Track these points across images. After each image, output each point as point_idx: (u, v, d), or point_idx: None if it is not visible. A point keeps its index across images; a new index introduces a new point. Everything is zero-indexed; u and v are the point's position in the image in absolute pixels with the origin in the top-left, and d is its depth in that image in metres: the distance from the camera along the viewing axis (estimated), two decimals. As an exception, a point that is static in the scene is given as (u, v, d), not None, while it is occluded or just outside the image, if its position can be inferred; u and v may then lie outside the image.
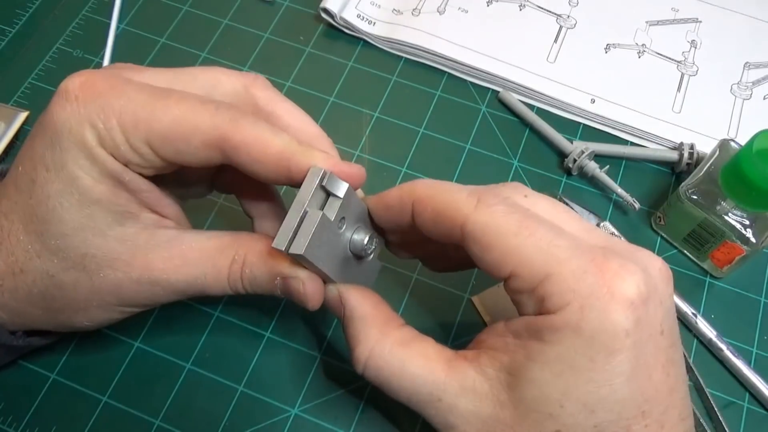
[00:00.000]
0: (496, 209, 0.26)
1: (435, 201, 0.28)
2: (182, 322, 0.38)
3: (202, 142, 0.26)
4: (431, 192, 0.28)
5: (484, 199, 0.26)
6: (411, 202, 0.29)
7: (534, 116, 0.46)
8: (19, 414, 0.35)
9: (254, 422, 0.36)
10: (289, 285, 0.29)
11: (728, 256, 0.39)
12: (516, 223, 0.25)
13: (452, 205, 0.27)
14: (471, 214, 0.26)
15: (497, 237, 0.25)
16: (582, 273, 0.24)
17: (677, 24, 0.51)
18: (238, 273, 0.29)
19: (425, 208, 0.28)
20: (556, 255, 0.25)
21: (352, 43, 0.49)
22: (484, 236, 0.26)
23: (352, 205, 0.29)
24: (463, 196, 0.27)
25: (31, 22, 0.49)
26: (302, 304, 0.29)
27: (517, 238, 0.25)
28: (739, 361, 0.38)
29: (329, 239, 0.28)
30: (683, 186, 0.39)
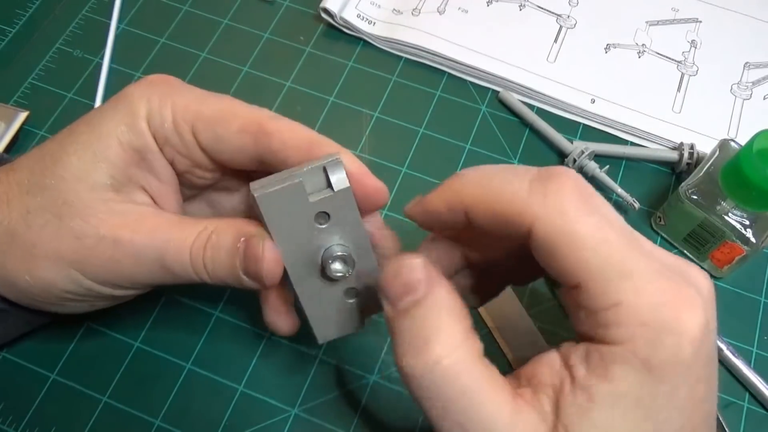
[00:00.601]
0: (569, 209, 0.23)
1: (491, 200, 0.24)
2: (182, 322, 0.38)
3: (239, 127, 0.29)
4: (485, 190, 0.24)
5: (552, 190, 0.23)
6: (463, 208, 0.25)
7: (534, 116, 0.46)
8: (19, 414, 0.35)
9: (254, 422, 0.36)
10: (248, 245, 0.27)
11: (728, 256, 0.39)
12: (592, 231, 0.22)
13: (514, 205, 0.23)
14: (540, 215, 0.23)
15: (570, 247, 0.22)
16: (658, 305, 0.22)
17: (677, 24, 0.51)
18: (203, 241, 0.28)
19: (481, 209, 0.24)
20: (632, 281, 0.22)
21: (352, 43, 0.49)
22: (555, 244, 0.23)
23: (344, 209, 0.26)
24: (524, 186, 0.23)
25: (31, 22, 0.49)
26: (257, 274, 0.27)
27: (594, 254, 0.22)
28: (739, 361, 0.38)
29: (298, 219, 0.26)
30: (683, 186, 0.39)
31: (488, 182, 0.24)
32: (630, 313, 0.22)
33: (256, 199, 0.25)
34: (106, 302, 0.32)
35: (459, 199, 0.25)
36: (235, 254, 0.28)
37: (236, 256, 0.28)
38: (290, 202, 0.26)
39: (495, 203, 0.24)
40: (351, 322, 0.30)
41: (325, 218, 0.27)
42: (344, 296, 0.29)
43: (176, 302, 0.39)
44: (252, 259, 0.27)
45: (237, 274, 0.28)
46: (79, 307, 0.31)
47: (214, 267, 0.28)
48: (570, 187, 0.23)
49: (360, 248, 0.28)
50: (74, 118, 0.30)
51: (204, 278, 0.29)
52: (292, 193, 0.25)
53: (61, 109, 0.45)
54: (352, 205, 0.27)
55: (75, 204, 0.28)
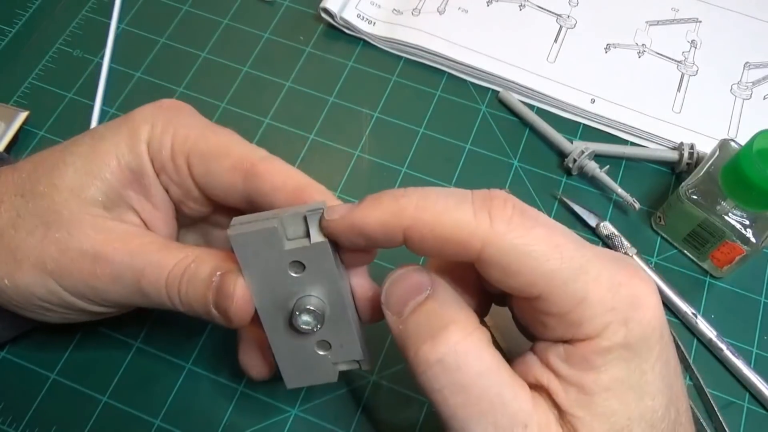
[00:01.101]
0: (515, 227, 0.23)
1: (437, 226, 0.24)
2: (182, 322, 0.38)
3: (231, 165, 0.29)
4: (428, 216, 0.24)
5: (497, 214, 0.23)
6: (401, 230, 0.24)
7: (534, 116, 0.46)
8: (19, 414, 0.35)
9: (254, 422, 0.36)
10: (222, 280, 0.27)
11: (728, 256, 0.39)
12: (544, 241, 0.23)
13: (461, 229, 0.23)
14: (490, 238, 0.23)
15: (525, 262, 0.23)
16: (617, 287, 0.23)
17: (677, 24, 0.51)
18: (182, 269, 0.28)
19: (424, 236, 0.24)
20: (589, 273, 0.23)
21: (352, 43, 0.49)
22: (509, 263, 0.23)
23: (319, 261, 0.25)
24: (470, 212, 0.23)
25: (31, 22, 0.49)
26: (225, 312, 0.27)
27: (550, 263, 0.23)
28: (739, 361, 0.38)
29: (272, 264, 0.25)
30: (683, 186, 0.39)
31: (431, 206, 0.24)
32: (596, 305, 0.23)
33: (230, 238, 0.25)
34: (82, 317, 0.31)
35: (398, 222, 0.24)
36: (209, 287, 0.27)
37: (210, 289, 0.27)
38: (264, 245, 0.25)
39: (440, 228, 0.24)
40: (322, 373, 0.29)
41: (300, 268, 0.26)
42: (316, 348, 0.28)
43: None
44: (223, 295, 0.27)
45: (208, 307, 0.28)
46: (53, 318, 0.31)
47: (188, 296, 0.28)
48: (511, 206, 0.23)
49: (336, 303, 0.27)
50: (74, 118, 0.30)
51: (176, 305, 0.29)
52: (266, 237, 0.25)
53: (61, 109, 0.45)
54: (329, 258, 0.26)
55: (63, 215, 0.29)
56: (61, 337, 0.37)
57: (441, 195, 0.24)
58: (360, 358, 0.28)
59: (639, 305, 0.23)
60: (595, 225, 0.42)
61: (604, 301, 0.23)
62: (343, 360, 0.28)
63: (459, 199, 0.24)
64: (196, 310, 0.28)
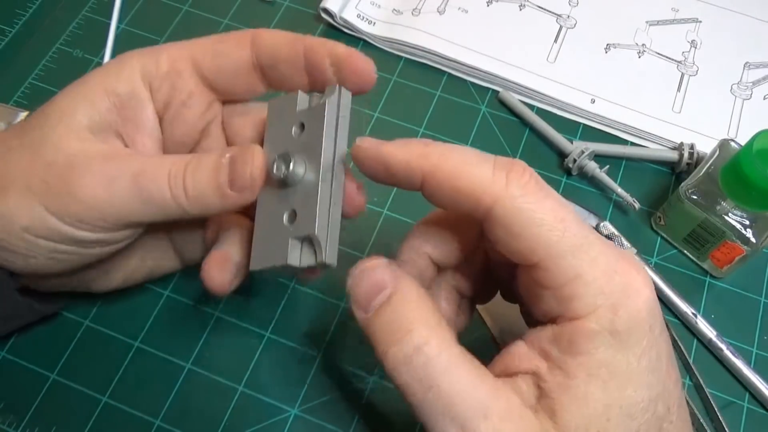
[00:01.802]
0: (528, 193, 0.24)
1: (455, 176, 0.25)
2: (182, 322, 0.38)
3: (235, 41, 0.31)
4: (449, 165, 0.25)
5: (514, 177, 0.24)
6: (421, 174, 0.25)
7: (534, 116, 0.46)
8: (19, 414, 0.35)
9: (254, 422, 0.36)
10: (238, 155, 0.28)
11: (728, 256, 0.39)
12: (551, 212, 0.24)
13: (477, 183, 0.24)
14: (502, 197, 0.24)
15: (530, 227, 0.24)
16: (612, 273, 0.24)
17: (677, 24, 0.51)
18: (183, 164, 0.28)
19: (441, 182, 0.25)
20: (587, 253, 0.24)
21: (352, 43, 0.49)
22: (514, 224, 0.24)
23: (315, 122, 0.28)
24: (489, 170, 0.24)
25: (31, 22, 0.49)
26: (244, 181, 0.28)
27: (552, 233, 0.24)
28: (739, 361, 0.38)
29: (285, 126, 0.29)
30: (683, 186, 0.39)
31: (454, 158, 0.25)
32: (589, 284, 0.24)
33: (268, 104, 0.30)
34: (71, 256, 0.29)
35: (420, 164, 0.25)
36: (218, 170, 0.28)
37: (220, 172, 0.28)
38: (285, 109, 0.29)
39: (458, 178, 0.25)
40: (279, 252, 0.28)
41: (301, 128, 0.28)
42: (285, 218, 0.28)
43: (176, 302, 0.39)
44: (242, 165, 0.28)
45: (222, 189, 0.28)
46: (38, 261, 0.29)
47: (195, 185, 0.28)
48: (529, 174, 0.25)
49: (315, 171, 0.28)
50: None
51: (182, 201, 0.28)
52: (288, 102, 0.29)
53: (61, 109, 0.45)
54: (322, 121, 0.28)
55: (51, 137, 0.29)
56: (61, 337, 0.37)
57: (466, 151, 0.26)
58: (312, 233, 0.27)
59: (630, 294, 0.24)
60: (595, 225, 0.42)
61: (597, 283, 0.24)
62: (298, 235, 0.28)
63: (482, 158, 0.25)
64: (206, 198, 0.28)
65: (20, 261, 0.29)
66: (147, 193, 0.28)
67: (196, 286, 0.39)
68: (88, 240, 0.29)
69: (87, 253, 0.30)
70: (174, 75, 0.31)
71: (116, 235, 0.29)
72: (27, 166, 0.28)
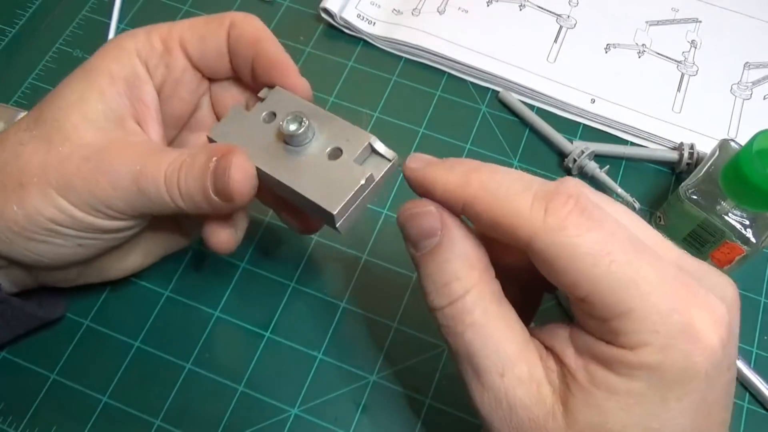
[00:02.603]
0: (569, 225, 0.23)
1: (493, 208, 0.24)
2: (182, 322, 0.38)
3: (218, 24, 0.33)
4: (488, 196, 0.24)
5: (554, 209, 0.23)
6: (462, 201, 0.25)
7: (534, 116, 0.46)
8: (19, 414, 0.35)
9: (254, 422, 0.36)
10: (218, 163, 0.28)
11: (728, 256, 0.39)
12: (595, 246, 0.22)
13: (515, 217, 0.24)
14: (540, 231, 0.23)
15: (572, 263, 0.23)
16: (668, 312, 0.22)
17: (677, 24, 0.51)
18: (178, 164, 0.29)
19: (480, 214, 0.25)
20: (639, 289, 0.22)
21: (352, 43, 0.49)
22: (554, 259, 0.23)
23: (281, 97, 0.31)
24: (527, 202, 0.24)
25: (31, 22, 0.49)
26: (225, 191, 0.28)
27: (596, 269, 0.22)
28: (739, 361, 0.38)
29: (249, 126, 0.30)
30: (683, 186, 0.39)
31: (494, 188, 0.25)
32: (640, 321, 0.22)
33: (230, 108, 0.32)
34: (96, 241, 0.31)
35: (460, 194, 0.25)
36: (205, 176, 0.28)
37: (206, 176, 0.28)
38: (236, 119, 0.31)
39: (495, 211, 0.24)
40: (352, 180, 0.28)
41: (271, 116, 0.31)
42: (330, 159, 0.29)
43: (176, 302, 0.39)
44: (221, 174, 0.28)
45: (207, 192, 0.29)
46: (68, 248, 0.30)
47: (187, 186, 0.29)
48: (572, 204, 0.23)
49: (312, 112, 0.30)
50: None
51: (177, 200, 0.29)
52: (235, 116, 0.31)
53: (61, 109, 0.45)
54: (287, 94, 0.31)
55: (66, 129, 0.29)
56: (61, 337, 0.37)
57: (508, 179, 0.25)
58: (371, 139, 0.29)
59: (690, 337, 0.22)
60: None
61: (649, 321, 0.22)
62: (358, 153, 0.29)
63: (523, 187, 0.24)
64: (197, 201, 0.29)
65: (47, 252, 0.30)
66: (147, 194, 0.29)
67: (196, 286, 0.39)
68: (107, 228, 0.30)
69: (111, 237, 0.31)
70: (167, 55, 0.32)
71: (133, 222, 0.31)
72: (43, 159, 0.29)
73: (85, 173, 0.29)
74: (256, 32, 0.32)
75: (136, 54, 0.32)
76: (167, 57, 0.32)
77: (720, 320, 0.23)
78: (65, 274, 0.33)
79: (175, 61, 0.33)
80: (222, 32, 0.32)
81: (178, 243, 0.37)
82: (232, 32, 0.32)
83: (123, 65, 0.31)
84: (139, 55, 0.32)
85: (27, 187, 0.29)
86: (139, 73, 0.31)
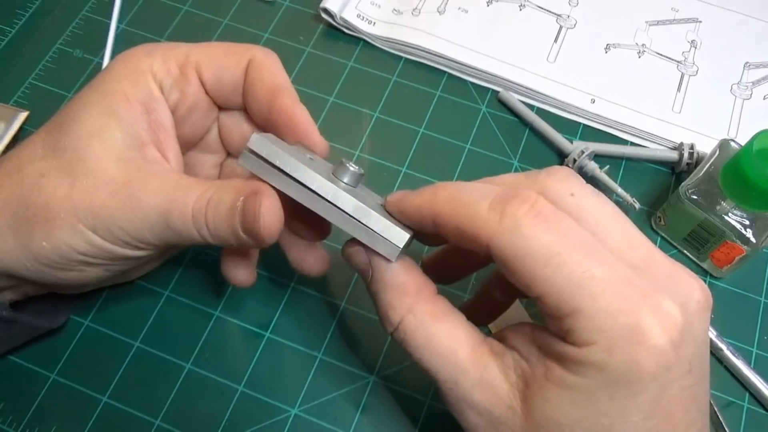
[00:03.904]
0: (523, 227, 0.24)
1: (455, 217, 0.26)
2: (182, 322, 0.38)
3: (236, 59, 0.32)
4: (451, 206, 0.26)
5: (509, 212, 0.24)
6: (431, 216, 0.27)
7: (534, 116, 0.46)
8: (19, 414, 0.35)
9: (254, 422, 0.36)
10: (246, 203, 0.28)
11: (728, 256, 0.39)
12: (546, 247, 0.23)
13: (474, 223, 0.25)
14: (494, 235, 0.24)
15: (524, 263, 0.24)
16: (615, 313, 0.23)
17: (677, 24, 0.51)
18: (205, 201, 0.29)
19: (446, 225, 0.26)
20: (588, 289, 0.23)
21: (352, 43, 0.49)
22: (510, 261, 0.24)
23: None
24: (485, 208, 0.25)
25: (31, 22, 0.49)
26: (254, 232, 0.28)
27: (547, 269, 0.23)
28: (739, 361, 0.38)
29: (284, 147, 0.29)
30: (683, 186, 0.39)
31: (457, 200, 0.26)
32: (587, 320, 0.23)
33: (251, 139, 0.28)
34: (125, 265, 0.31)
35: (429, 211, 0.27)
36: (233, 214, 0.28)
37: (235, 216, 0.28)
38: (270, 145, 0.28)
39: (456, 221, 0.26)
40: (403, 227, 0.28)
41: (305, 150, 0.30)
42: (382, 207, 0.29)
43: (176, 302, 0.39)
44: (250, 217, 0.28)
45: (237, 232, 0.28)
46: (94, 273, 0.31)
47: (216, 226, 0.29)
48: (527, 207, 0.24)
49: None
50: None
51: (206, 237, 0.29)
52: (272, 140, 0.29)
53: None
54: None
55: (89, 161, 0.29)
56: (61, 337, 0.37)
57: (470, 190, 0.26)
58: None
59: (635, 338, 0.23)
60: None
61: (596, 321, 0.23)
62: None
63: (483, 195, 0.25)
64: (226, 238, 0.29)
65: (74, 278, 0.30)
66: (176, 230, 0.29)
67: (196, 286, 0.39)
68: (136, 256, 0.30)
69: (138, 263, 0.32)
70: (182, 80, 0.32)
71: (162, 250, 0.31)
72: (68, 194, 0.28)
73: (114, 210, 0.28)
74: (275, 80, 0.32)
75: (151, 75, 0.31)
76: (182, 83, 0.32)
77: (671, 322, 0.23)
78: (81, 288, 0.33)
79: (190, 87, 0.32)
80: (239, 70, 0.32)
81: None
82: (250, 72, 0.32)
83: (139, 88, 0.30)
84: (155, 77, 0.31)
85: (54, 222, 0.28)
86: (155, 96, 0.31)
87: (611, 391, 0.23)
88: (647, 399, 0.23)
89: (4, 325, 0.32)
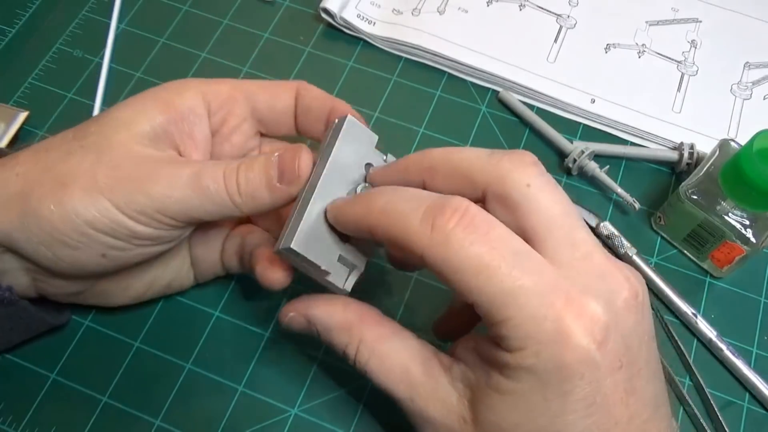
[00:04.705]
0: (452, 241, 0.24)
1: (389, 228, 0.26)
2: (182, 322, 0.38)
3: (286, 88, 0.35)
4: (385, 218, 0.26)
5: (439, 225, 0.25)
6: (366, 229, 0.27)
7: (534, 116, 0.46)
8: (19, 414, 0.35)
9: (254, 422, 0.36)
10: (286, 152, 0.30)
11: (728, 256, 0.39)
12: (475, 259, 0.24)
13: (406, 236, 0.25)
14: (426, 248, 0.25)
15: (455, 275, 0.25)
16: (541, 319, 0.24)
17: (677, 24, 0.51)
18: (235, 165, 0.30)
19: (382, 236, 0.27)
20: (516, 298, 0.24)
21: (352, 43, 0.49)
22: (443, 273, 0.25)
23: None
24: (417, 220, 0.25)
25: (31, 22, 0.49)
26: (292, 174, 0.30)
27: (478, 279, 0.24)
28: (739, 361, 0.38)
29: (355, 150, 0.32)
30: (683, 186, 0.39)
31: (388, 210, 0.26)
32: (517, 327, 0.24)
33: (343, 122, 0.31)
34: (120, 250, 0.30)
35: (365, 222, 0.27)
36: (269, 167, 0.30)
37: (270, 168, 0.30)
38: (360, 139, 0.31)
39: (393, 231, 0.26)
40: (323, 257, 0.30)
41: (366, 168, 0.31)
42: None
43: (176, 302, 0.39)
44: (289, 162, 0.29)
45: (271, 183, 0.30)
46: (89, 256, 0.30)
47: (247, 182, 0.29)
48: (456, 219, 0.25)
49: None
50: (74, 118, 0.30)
51: (236, 198, 0.30)
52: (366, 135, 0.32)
53: (61, 109, 0.45)
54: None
55: (114, 141, 0.30)
56: (62, 337, 0.37)
57: (404, 200, 0.26)
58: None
59: (560, 340, 0.24)
60: (595, 225, 0.42)
61: (524, 327, 0.24)
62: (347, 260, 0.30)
63: (415, 205, 0.26)
64: (258, 192, 0.30)
65: (69, 258, 0.30)
66: (205, 191, 0.29)
67: (196, 286, 0.39)
68: (145, 235, 0.30)
69: (138, 252, 0.31)
70: (231, 102, 0.34)
71: (171, 233, 0.31)
72: (91, 165, 0.29)
73: (141, 174, 0.29)
74: (326, 97, 0.35)
75: (201, 93, 0.33)
76: (231, 103, 0.34)
77: (594, 323, 0.24)
78: (69, 286, 0.32)
79: (238, 108, 0.34)
80: (291, 94, 0.35)
81: (182, 282, 0.37)
82: (303, 96, 0.35)
83: (183, 99, 0.32)
84: (204, 95, 0.33)
85: (70, 187, 0.28)
86: (196, 110, 0.32)
87: (544, 393, 0.24)
88: (580, 397, 0.24)
89: (5, 310, 0.31)
